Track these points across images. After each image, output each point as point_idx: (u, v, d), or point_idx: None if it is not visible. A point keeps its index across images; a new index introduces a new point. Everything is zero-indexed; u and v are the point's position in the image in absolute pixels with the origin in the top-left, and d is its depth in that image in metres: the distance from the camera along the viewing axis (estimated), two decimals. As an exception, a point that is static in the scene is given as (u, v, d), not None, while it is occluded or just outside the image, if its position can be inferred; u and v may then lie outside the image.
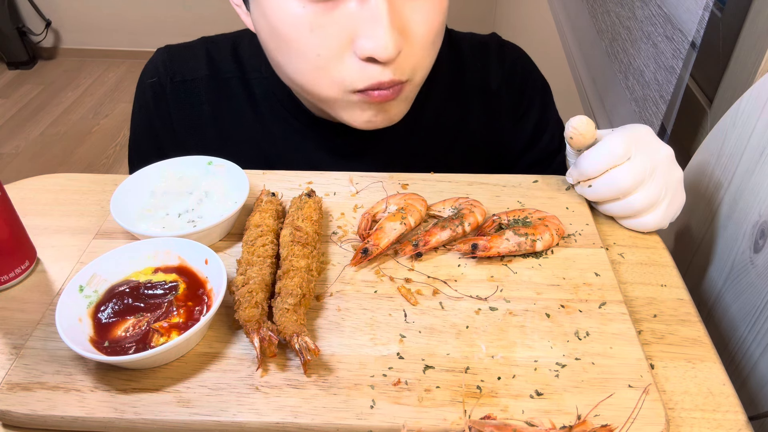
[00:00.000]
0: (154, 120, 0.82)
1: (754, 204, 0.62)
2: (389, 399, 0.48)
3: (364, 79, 0.63)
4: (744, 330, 0.62)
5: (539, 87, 0.85)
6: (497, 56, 0.83)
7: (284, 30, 0.62)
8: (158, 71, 0.81)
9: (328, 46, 0.62)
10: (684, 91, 0.78)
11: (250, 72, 0.80)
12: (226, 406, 0.47)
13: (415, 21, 0.62)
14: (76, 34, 3.59)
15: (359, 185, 0.71)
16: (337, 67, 0.63)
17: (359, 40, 0.60)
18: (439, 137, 0.82)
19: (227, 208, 0.64)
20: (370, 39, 0.59)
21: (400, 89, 0.65)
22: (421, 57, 0.65)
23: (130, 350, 0.49)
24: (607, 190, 0.64)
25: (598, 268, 0.60)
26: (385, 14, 0.58)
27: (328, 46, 0.62)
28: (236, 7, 0.71)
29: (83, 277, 0.54)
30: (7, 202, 0.59)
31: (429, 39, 0.65)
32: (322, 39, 0.61)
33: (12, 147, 2.84)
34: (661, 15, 0.85)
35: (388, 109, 0.68)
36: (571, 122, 0.64)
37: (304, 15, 0.60)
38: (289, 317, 0.51)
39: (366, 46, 0.60)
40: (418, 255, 0.61)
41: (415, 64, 0.65)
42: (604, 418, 0.46)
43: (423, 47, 0.65)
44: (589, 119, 0.64)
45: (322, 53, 0.62)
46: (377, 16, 0.59)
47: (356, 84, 0.63)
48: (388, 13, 0.59)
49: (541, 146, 0.86)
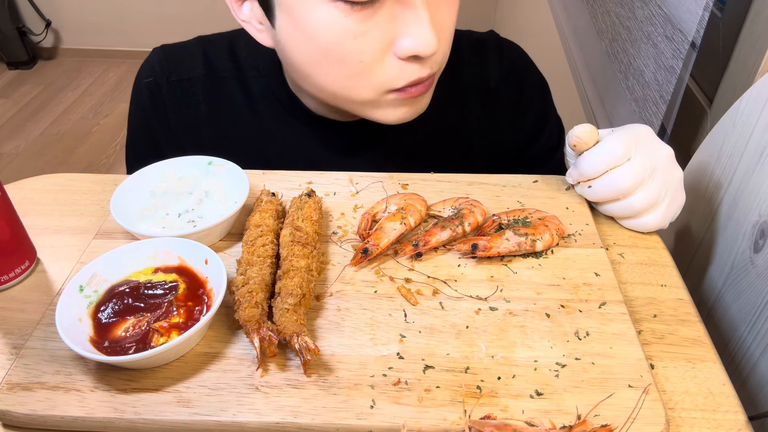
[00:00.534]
0: (151, 120, 0.82)
1: (754, 204, 0.62)
2: (389, 399, 0.48)
3: (404, 77, 0.65)
4: (744, 330, 0.62)
5: (537, 84, 0.85)
6: (495, 54, 0.83)
7: (326, 40, 0.62)
8: (154, 71, 0.80)
9: (371, 51, 0.63)
10: (684, 91, 0.78)
11: (247, 70, 0.80)
12: (226, 406, 0.47)
13: (442, 14, 0.64)
14: (76, 34, 3.59)
15: (359, 185, 0.71)
16: (377, 70, 0.64)
17: (401, 41, 0.62)
18: (437, 135, 0.82)
19: (227, 208, 0.64)
20: (414, 38, 0.62)
21: (432, 82, 0.68)
22: (445, 50, 0.68)
23: (130, 350, 0.49)
24: (607, 190, 0.64)
25: (598, 268, 0.60)
26: (426, 13, 0.61)
27: (371, 51, 0.63)
28: (244, 24, 0.70)
29: (83, 277, 0.54)
30: (7, 202, 0.59)
31: (450, 32, 0.68)
32: (365, 45, 0.62)
33: (12, 147, 2.84)
34: (661, 15, 0.85)
35: (419, 102, 0.70)
36: (575, 131, 0.64)
37: (348, 24, 0.61)
38: (289, 317, 0.51)
39: (410, 46, 0.62)
40: (418, 255, 0.61)
41: (442, 56, 0.68)
42: (604, 418, 0.46)
43: (448, 40, 0.68)
44: (592, 127, 0.64)
45: (365, 59, 0.63)
46: (419, 16, 0.61)
47: (396, 83, 0.65)
48: (428, 12, 0.61)
49: (540, 143, 0.86)
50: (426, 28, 0.61)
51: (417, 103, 0.70)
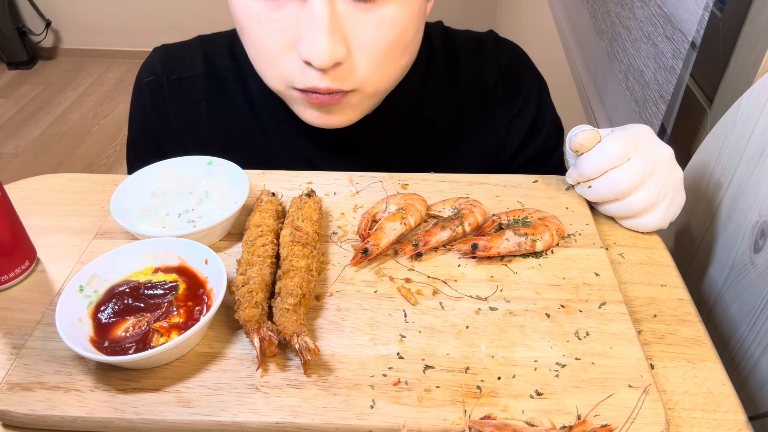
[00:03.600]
0: (152, 119, 0.82)
1: (754, 204, 0.62)
2: (389, 399, 0.48)
3: (303, 80, 0.64)
4: (744, 330, 0.62)
5: (536, 83, 0.85)
6: (493, 53, 0.83)
7: (239, 17, 0.65)
8: (155, 70, 0.81)
9: (273, 40, 0.63)
10: (684, 91, 0.78)
11: (247, 69, 0.80)
12: (226, 406, 0.47)
13: (363, 34, 0.62)
14: (76, 34, 3.59)
15: (359, 185, 0.71)
16: (281, 62, 0.65)
17: (300, 43, 0.62)
18: (435, 134, 0.82)
19: (227, 208, 0.64)
20: (308, 44, 0.61)
21: (340, 98, 0.66)
22: (370, 71, 0.65)
23: (130, 350, 0.49)
24: (606, 190, 0.64)
25: (598, 268, 0.60)
26: (325, 22, 0.59)
27: (273, 41, 0.63)
28: None
29: (83, 277, 0.54)
30: (7, 202, 0.59)
31: (380, 53, 0.64)
32: (268, 33, 0.63)
33: (12, 147, 2.84)
34: (661, 15, 0.85)
35: (332, 112, 0.69)
36: (577, 138, 0.64)
37: (254, 7, 0.62)
38: (289, 317, 0.51)
39: (303, 50, 0.61)
40: (418, 255, 0.61)
41: (364, 76, 0.65)
42: (604, 418, 0.46)
43: (372, 61, 0.64)
44: (594, 132, 0.64)
45: (268, 47, 0.64)
46: (316, 22, 0.59)
47: (296, 83, 0.65)
48: (329, 21, 0.59)
49: (539, 142, 0.86)
50: (320, 38, 0.59)
51: (328, 113, 0.69)
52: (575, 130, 0.65)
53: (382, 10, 0.62)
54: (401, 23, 0.64)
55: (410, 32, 0.66)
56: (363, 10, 0.61)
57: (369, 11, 0.61)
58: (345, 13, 0.61)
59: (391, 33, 0.63)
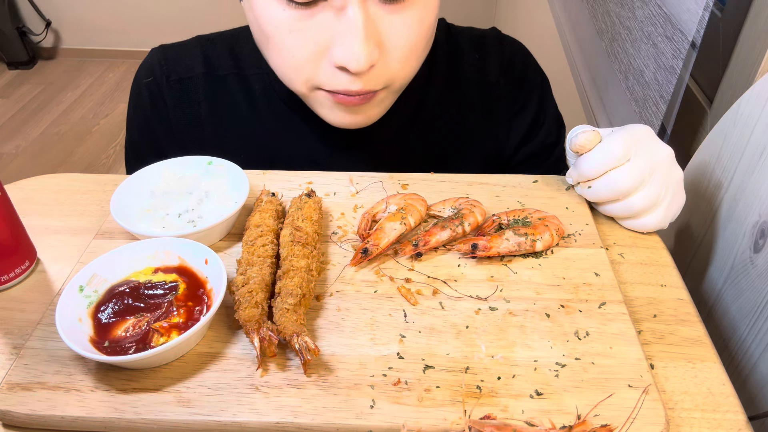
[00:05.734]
0: (151, 120, 0.82)
1: (754, 204, 0.62)
2: (389, 399, 0.48)
3: (333, 83, 0.65)
4: (744, 330, 0.62)
5: (538, 80, 0.85)
6: (496, 50, 0.83)
7: (266, 27, 0.64)
8: (154, 71, 0.81)
9: (303, 48, 0.63)
10: (684, 91, 0.78)
11: (249, 68, 0.80)
12: (226, 406, 0.47)
13: (394, 34, 0.63)
14: (76, 34, 3.59)
15: (359, 185, 0.71)
16: (310, 69, 0.65)
17: (334, 49, 0.62)
18: (437, 130, 0.83)
19: (227, 208, 0.64)
20: (344, 50, 0.61)
21: (371, 96, 0.67)
22: (399, 68, 0.66)
23: (130, 350, 0.49)
24: (606, 191, 0.64)
25: (598, 268, 0.60)
26: (361, 27, 0.60)
27: (304, 49, 0.63)
28: None
29: (83, 277, 0.54)
30: (7, 202, 0.59)
31: (409, 50, 0.65)
32: (299, 42, 0.63)
33: (12, 147, 2.84)
34: (661, 15, 0.84)
35: (358, 112, 0.69)
36: (578, 140, 0.64)
37: (285, 17, 0.62)
38: (289, 317, 0.51)
39: (339, 56, 0.61)
40: (418, 255, 0.61)
41: (392, 75, 0.66)
42: (604, 418, 0.46)
43: (401, 59, 0.66)
44: (595, 133, 0.64)
45: (297, 54, 0.64)
46: (353, 28, 0.60)
47: (323, 85, 0.66)
48: (364, 27, 0.60)
49: (539, 139, 0.86)
50: (357, 43, 0.60)
51: (355, 112, 0.69)
52: (575, 130, 0.65)
53: (410, 10, 0.63)
54: (427, 19, 0.65)
55: (433, 27, 0.67)
56: (392, 11, 0.62)
57: (398, 12, 0.62)
58: (376, 16, 0.61)
59: (419, 30, 0.64)
